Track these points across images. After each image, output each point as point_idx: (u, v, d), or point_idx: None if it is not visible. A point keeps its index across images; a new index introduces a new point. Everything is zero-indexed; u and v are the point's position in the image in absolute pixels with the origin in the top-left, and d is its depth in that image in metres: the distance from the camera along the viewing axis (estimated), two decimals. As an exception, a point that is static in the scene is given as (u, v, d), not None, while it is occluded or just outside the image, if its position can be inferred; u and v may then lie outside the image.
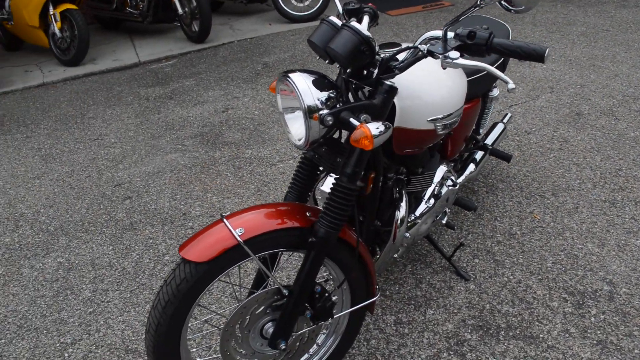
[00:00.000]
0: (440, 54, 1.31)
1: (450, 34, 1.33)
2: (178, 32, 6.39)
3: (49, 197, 3.23)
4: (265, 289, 1.56)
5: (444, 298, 2.20)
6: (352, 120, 1.35)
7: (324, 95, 1.42)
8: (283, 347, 1.57)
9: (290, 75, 1.42)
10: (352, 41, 1.34)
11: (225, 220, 1.47)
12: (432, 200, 2.04)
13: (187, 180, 3.26)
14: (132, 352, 2.07)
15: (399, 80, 1.57)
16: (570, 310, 2.10)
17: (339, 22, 1.44)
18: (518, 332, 2.03)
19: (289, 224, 1.50)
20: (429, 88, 1.64)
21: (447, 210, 2.22)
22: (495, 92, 2.49)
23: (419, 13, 6.39)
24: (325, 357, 1.81)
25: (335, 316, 1.69)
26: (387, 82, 1.41)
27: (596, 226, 2.54)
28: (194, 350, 2.03)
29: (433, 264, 2.39)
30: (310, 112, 1.38)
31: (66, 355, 2.09)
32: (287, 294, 1.54)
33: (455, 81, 1.73)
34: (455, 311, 2.14)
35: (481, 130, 2.68)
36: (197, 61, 5.47)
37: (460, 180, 2.46)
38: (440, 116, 1.64)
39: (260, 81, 4.74)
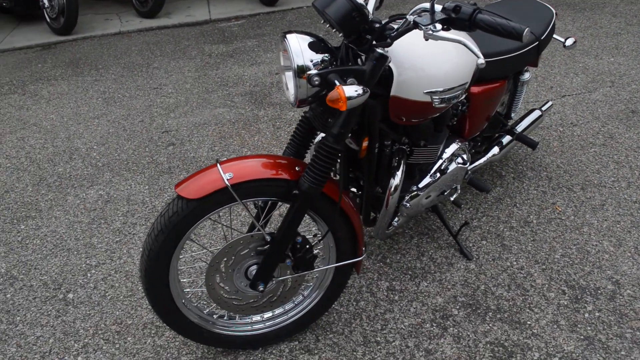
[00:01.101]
0: (424, 25, 1.35)
1: (438, 7, 1.36)
2: (252, -7, 6.56)
3: (103, 136, 3.50)
4: (250, 233, 1.68)
5: (442, 273, 2.25)
6: (336, 82, 1.42)
7: (317, 57, 1.50)
8: (261, 289, 1.69)
9: (287, 35, 1.50)
10: (345, 7, 1.40)
11: (218, 164, 1.59)
12: (437, 175, 2.07)
13: (228, 134, 3.42)
14: (144, 280, 2.28)
15: (403, 51, 1.62)
16: (565, 303, 2.08)
17: (339, -11, 1.49)
18: (506, 315, 2.04)
19: (277, 175, 1.61)
20: (432, 60, 1.66)
21: (458, 187, 2.24)
22: (526, 75, 2.44)
23: None
24: (308, 308, 1.92)
25: (317, 269, 1.79)
26: (378, 50, 1.46)
27: (618, 225, 2.47)
28: (184, 280, 2.21)
29: (439, 239, 2.42)
30: (300, 72, 1.47)
31: (89, 275, 2.33)
32: (269, 240, 1.66)
33: (463, 58, 1.73)
34: (449, 287, 2.18)
35: (513, 115, 2.64)
36: (264, 23, 5.61)
37: (481, 161, 2.46)
38: (440, 89, 1.67)
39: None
